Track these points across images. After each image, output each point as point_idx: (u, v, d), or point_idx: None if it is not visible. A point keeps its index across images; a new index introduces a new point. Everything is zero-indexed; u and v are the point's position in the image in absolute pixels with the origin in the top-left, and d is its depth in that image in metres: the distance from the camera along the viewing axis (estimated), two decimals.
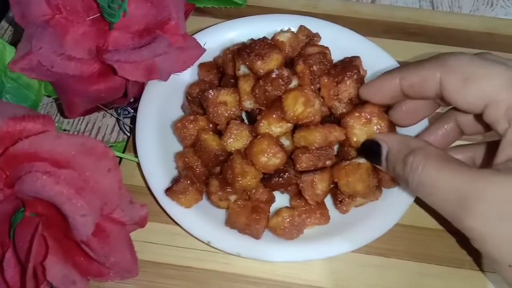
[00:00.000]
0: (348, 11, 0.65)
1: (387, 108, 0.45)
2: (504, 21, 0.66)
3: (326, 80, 0.46)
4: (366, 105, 0.44)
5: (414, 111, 0.44)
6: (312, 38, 0.53)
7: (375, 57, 0.54)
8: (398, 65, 0.54)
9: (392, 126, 0.45)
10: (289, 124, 0.45)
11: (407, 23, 0.64)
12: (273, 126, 0.45)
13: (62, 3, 0.46)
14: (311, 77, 0.45)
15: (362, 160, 0.44)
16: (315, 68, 0.45)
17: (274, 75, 0.44)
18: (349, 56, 0.52)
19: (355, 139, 0.44)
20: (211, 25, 0.57)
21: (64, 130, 0.54)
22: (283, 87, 0.44)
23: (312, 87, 0.46)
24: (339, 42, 0.55)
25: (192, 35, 0.54)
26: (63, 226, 0.38)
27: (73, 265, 0.39)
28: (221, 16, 0.61)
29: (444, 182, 0.34)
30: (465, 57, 0.37)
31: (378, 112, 0.44)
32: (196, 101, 0.49)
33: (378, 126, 0.43)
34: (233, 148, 0.46)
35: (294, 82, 0.46)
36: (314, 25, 0.55)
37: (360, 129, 0.44)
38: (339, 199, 0.47)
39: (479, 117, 0.38)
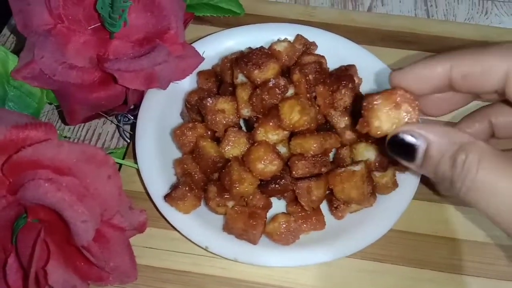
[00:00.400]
0: (344, 19, 0.66)
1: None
2: (498, 29, 0.67)
3: (321, 89, 0.47)
4: (397, 88, 0.36)
5: (446, 101, 0.38)
6: (308, 47, 0.54)
7: (370, 65, 0.55)
8: None
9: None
10: (286, 132, 0.46)
11: (403, 31, 0.65)
12: (270, 134, 0.46)
13: (64, 13, 0.47)
14: (307, 86, 0.46)
15: (357, 168, 0.44)
16: (311, 77, 0.46)
17: (271, 84, 0.45)
18: (345, 64, 0.54)
19: (376, 124, 0.36)
20: (210, 34, 0.58)
21: (65, 137, 0.55)
22: (279, 96, 0.45)
23: (308, 95, 0.47)
24: (335, 50, 0.56)
25: (192, 43, 0.55)
26: (65, 231, 0.39)
27: (74, 269, 0.40)
28: (220, 24, 0.62)
29: (507, 187, 0.29)
30: None
31: (410, 99, 0.36)
32: (194, 109, 0.50)
33: (408, 116, 0.35)
34: (231, 155, 0.47)
35: (291, 91, 0.47)
36: (311, 33, 0.56)
37: (387, 113, 0.35)
38: (335, 205, 0.48)
39: None
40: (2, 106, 0.47)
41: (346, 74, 0.48)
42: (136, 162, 0.50)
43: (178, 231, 0.46)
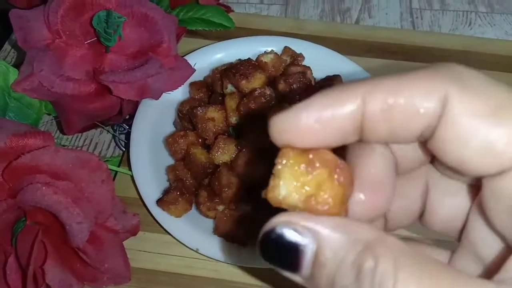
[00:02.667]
0: (332, 31, 0.69)
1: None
2: (480, 39, 0.70)
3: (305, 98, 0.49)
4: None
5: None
6: (296, 58, 0.57)
7: (356, 75, 0.58)
8: None
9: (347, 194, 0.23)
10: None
11: (389, 42, 0.68)
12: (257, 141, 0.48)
13: (62, 29, 0.50)
14: (291, 95, 0.49)
15: None
16: (295, 86, 0.48)
17: (257, 93, 0.48)
18: (331, 75, 0.56)
19: (275, 184, 0.21)
20: (202, 46, 0.61)
21: (63, 145, 0.57)
22: (265, 105, 0.48)
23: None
24: (322, 61, 0.58)
25: (184, 56, 0.58)
26: (61, 233, 0.41)
27: (70, 270, 0.42)
28: (211, 37, 0.65)
29: None
30: (482, 76, 0.21)
31: (332, 162, 0.22)
32: (186, 118, 0.53)
33: (322, 192, 0.21)
34: (220, 161, 0.49)
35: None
36: (298, 46, 0.59)
37: (294, 174, 0.21)
38: None
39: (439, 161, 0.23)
40: (3, 116, 0.49)
41: (329, 84, 0.50)
42: (130, 170, 0.52)
43: (170, 235, 0.48)
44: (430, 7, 0.75)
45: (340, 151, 0.23)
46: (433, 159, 0.25)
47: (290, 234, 0.21)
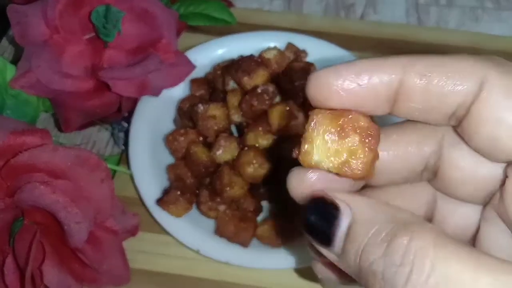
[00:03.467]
0: (336, 27, 0.67)
1: None
2: (488, 36, 0.68)
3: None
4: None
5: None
6: (299, 54, 0.56)
7: None
8: None
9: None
10: (275, 137, 0.48)
11: (394, 38, 0.67)
12: (260, 139, 0.47)
13: (60, 24, 0.48)
14: (295, 92, 0.48)
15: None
16: (298, 83, 0.47)
17: (260, 91, 0.47)
18: None
19: (307, 149, 0.22)
20: (203, 42, 0.60)
21: (61, 143, 0.56)
22: (268, 102, 0.47)
23: (296, 101, 0.48)
24: (326, 58, 0.57)
25: (185, 52, 0.57)
26: (60, 234, 0.40)
27: (68, 270, 0.41)
28: (213, 33, 0.63)
29: None
30: None
31: (365, 128, 0.22)
32: (187, 115, 0.52)
33: (354, 156, 0.22)
34: (222, 160, 0.48)
35: (279, 97, 0.48)
36: (302, 41, 0.58)
37: (326, 140, 0.22)
38: None
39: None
40: (0, 113, 0.49)
41: None
42: (129, 169, 0.51)
43: (171, 235, 0.48)
44: (437, 2, 0.73)
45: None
46: (438, 177, 0.25)
47: (327, 208, 0.21)
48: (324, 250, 0.22)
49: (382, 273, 0.19)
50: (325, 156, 0.22)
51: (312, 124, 0.22)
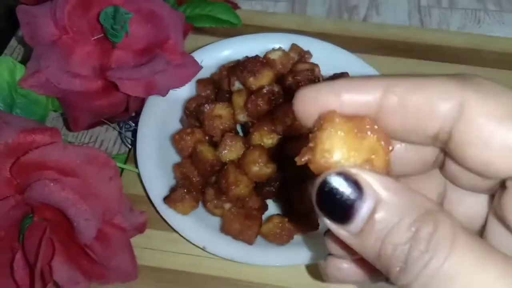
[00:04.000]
0: (339, 29, 0.68)
1: None
2: (489, 37, 0.69)
3: None
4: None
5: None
6: (303, 55, 0.57)
7: (364, 73, 0.57)
8: None
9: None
10: (280, 136, 0.48)
11: (397, 40, 0.68)
12: (265, 138, 0.48)
13: (69, 25, 0.49)
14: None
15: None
16: (303, 83, 0.48)
17: (265, 91, 0.47)
18: (338, 72, 0.56)
19: (326, 147, 0.22)
20: (209, 43, 0.61)
21: (69, 142, 0.57)
22: (273, 102, 0.48)
23: None
24: (330, 59, 0.58)
25: (191, 53, 0.58)
26: (69, 230, 0.41)
27: (77, 267, 0.42)
28: (218, 34, 0.64)
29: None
30: (498, 84, 0.22)
31: (382, 132, 0.23)
32: (193, 115, 0.52)
33: (373, 156, 0.22)
34: (227, 159, 0.49)
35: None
36: (306, 43, 0.58)
37: (343, 139, 0.22)
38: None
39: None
40: (9, 112, 0.49)
41: None
42: (137, 167, 0.52)
43: (177, 232, 0.48)
44: (439, 4, 0.74)
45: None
46: (444, 167, 0.25)
47: (351, 186, 0.21)
48: (334, 226, 0.22)
49: (406, 257, 0.20)
50: (345, 157, 0.22)
51: (325, 127, 0.22)
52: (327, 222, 0.22)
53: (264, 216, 0.49)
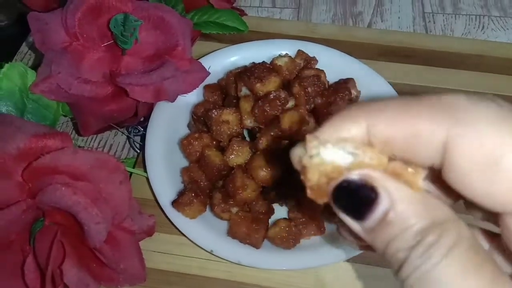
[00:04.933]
0: (344, 35, 0.69)
1: None
2: (494, 43, 0.70)
3: (319, 101, 0.49)
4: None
5: None
6: (309, 61, 0.57)
7: (369, 79, 0.58)
8: (390, 86, 0.57)
9: None
10: (287, 141, 0.49)
11: (401, 46, 0.68)
12: (272, 143, 0.49)
13: (80, 32, 0.50)
14: (306, 98, 0.49)
15: None
16: (309, 89, 0.49)
17: (272, 96, 0.48)
18: (344, 78, 0.56)
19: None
20: (216, 50, 0.61)
21: (79, 147, 0.58)
22: (280, 107, 0.48)
23: (307, 107, 0.49)
24: (335, 65, 0.58)
25: (198, 59, 0.59)
26: (79, 234, 0.42)
27: (87, 270, 0.42)
28: (225, 41, 0.65)
29: None
30: (485, 104, 0.22)
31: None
32: (201, 120, 0.53)
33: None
34: (234, 163, 0.50)
35: (291, 103, 0.50)
36: (312, 49, 0.59)
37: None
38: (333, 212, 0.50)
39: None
40: (21, 117, 0.50)
41: (343, 86, 0.51)
42: (145, 171, 0.53)
43: (185, 236, 0.49)
44: (443, 11, 0.75)
45: None
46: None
47: (371, 187, 0.22)
48: (351, 221, 0.23)
49: (404, 260, 0.21)
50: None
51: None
52: (341, 215, 0.24)
53: (270, 220, 0.50)
